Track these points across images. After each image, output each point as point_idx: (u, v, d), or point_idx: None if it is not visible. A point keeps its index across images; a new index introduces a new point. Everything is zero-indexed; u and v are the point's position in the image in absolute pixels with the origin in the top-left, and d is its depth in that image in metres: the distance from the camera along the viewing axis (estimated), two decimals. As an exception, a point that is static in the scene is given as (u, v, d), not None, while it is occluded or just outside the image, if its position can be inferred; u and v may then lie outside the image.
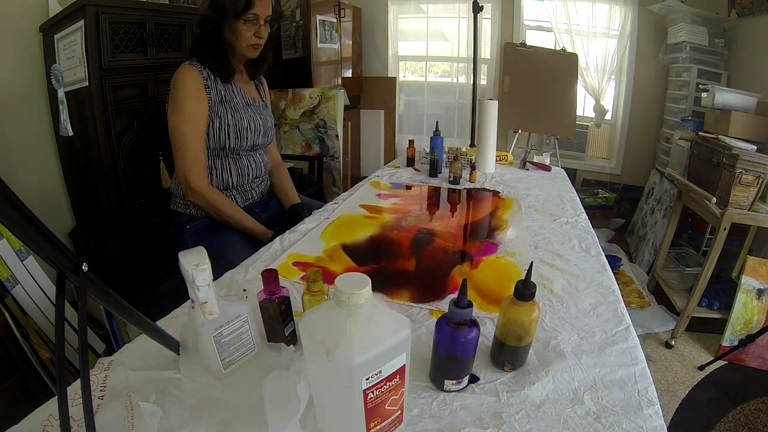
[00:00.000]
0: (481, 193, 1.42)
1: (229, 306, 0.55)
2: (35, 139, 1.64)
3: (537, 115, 3.00)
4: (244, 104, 1.21)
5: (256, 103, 1.26)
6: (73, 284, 0.37)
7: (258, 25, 1.10)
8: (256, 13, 1.08)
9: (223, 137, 1.14)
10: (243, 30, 1.09)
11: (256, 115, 1.22)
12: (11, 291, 1.25)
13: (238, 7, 1.05)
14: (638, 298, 2.19)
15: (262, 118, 1.24)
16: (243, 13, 1.06)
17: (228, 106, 1.15)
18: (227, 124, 1.13)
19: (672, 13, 2.63)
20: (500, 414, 0.53)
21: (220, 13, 1.06)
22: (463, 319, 0.53)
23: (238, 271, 0.88)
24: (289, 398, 0.46)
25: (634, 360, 0.63)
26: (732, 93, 2.05)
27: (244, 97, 1.22)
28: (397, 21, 3.59)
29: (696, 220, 2.34)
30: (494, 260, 0.95)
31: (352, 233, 1.08)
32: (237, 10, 1.05)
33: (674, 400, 1.55)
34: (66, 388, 0.37)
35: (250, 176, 1.24)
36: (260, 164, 1.27)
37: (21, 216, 0.32)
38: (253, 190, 1.27)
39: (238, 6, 1.05)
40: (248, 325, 0.58)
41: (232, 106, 1.16)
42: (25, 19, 1.53)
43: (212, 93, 1.12)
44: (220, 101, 1.13)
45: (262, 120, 1.24)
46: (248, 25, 1.09)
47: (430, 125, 3.54)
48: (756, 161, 1.61)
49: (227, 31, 1.09)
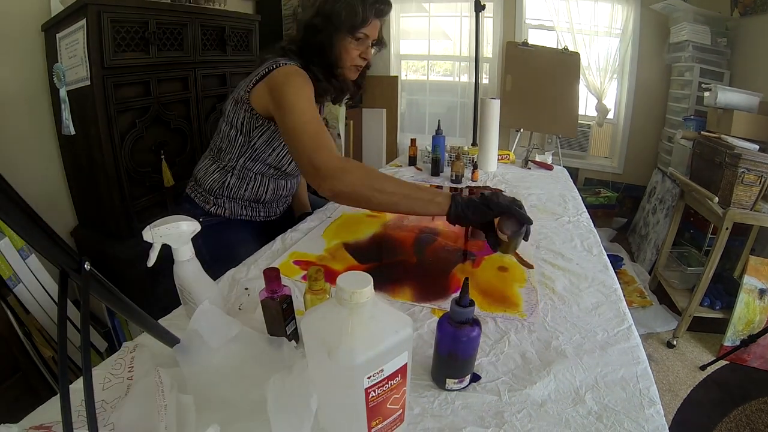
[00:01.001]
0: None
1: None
2: (37, 138, 1.65)
3: (539, 114, 2.99)
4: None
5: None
6: (76, 283, 0.38)
7: (366, 46, 1.05)
8: (367, 33, 1.02)
9: (285, 161, 1.08)
10: (352, 48, 1.03)
11: None
12: (13, 289, 1.26)
13: (355, 22, 0.99)
14: (640, 297, 2.19)
15: None
16: (358, 29, 1.00)
17: None
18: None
19: (674, 12, 2.62)
20: (502, 413, 0.53)
21: (334, 24, 0.99)
22: (465, 318, 0.53)
23: (240, 269, 0.88)
24: (294, 403, 0.46)
25: (636, 359, 0.63)
26: (734, 92, 2.04)
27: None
28: (399, 20, 3.58)
29: (698, 220, 2.33)
30: (496, 259, 0.95)
31: (353, 232, 1.08)
32: (353, 24, 0.99)
33: (676, 400, 1.55)
34: (68, 387, 0.37)
35: (281, 196, 1.19)
36: (293, 186, 1.23)
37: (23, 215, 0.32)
38: (278, 207, 1.22)
39: (355, 21, 0.98)
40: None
41: None
42: (27, 18, 1.53)
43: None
44: None
45: None
46: (358, 43, 1.03)
47: (432, 124, 3.54)
48: (758, 161, 1.61)
49: (337, 46, 1.02)
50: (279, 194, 1.17)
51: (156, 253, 0.61)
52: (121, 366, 0.56)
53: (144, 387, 0.50)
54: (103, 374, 0.55)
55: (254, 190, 1.11)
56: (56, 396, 0.52)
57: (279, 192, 1.16)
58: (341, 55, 1.03)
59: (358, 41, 1.02)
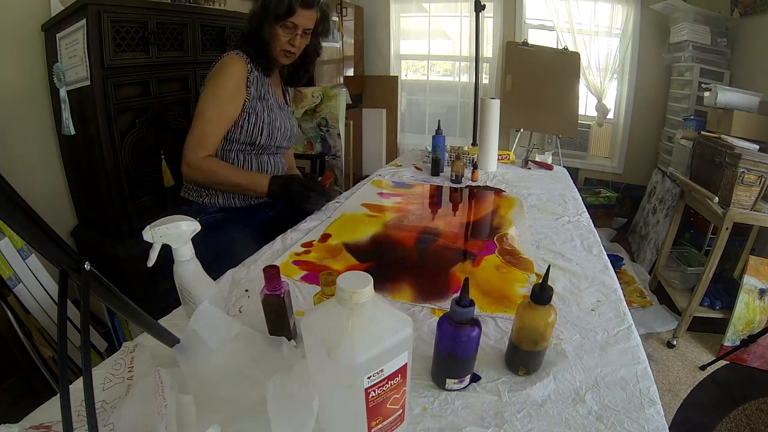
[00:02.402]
0: (482, 191, 1.42)
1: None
2: (37, 138, 1.65)
3: (539, 114, 2.99)
4: (277, 106, 1.24)
5: (285, 107, 1.31)
6: (76, 283, 0.38)
7: (294, 34, 1.13)
8: (295, 22, 1.11)
9: (256, 133, 1.17)
10: (279, 34, 1.12)
11: (285, 119, 1.26)
12: (13, 289, 1.25)
13: (279, 12, 1.08)
14: (640, 297, 2.19)
15: (290, 122, 1.29)
16: (283, 18, 1.09)
17: (265, 104, 1.19)
18: (262, 121, 1.17)
19: (674, 12, 2.62)
20: (502, 413, 0.53)
21: (265, 12, 1.10)
22: (465, 318, 0.53)
23: (240, 269, 0.89)
24: (295, 404, 0.46)
25: (636, 359, 0.63)
26: (734, 92, 2.04)
27: (277, 100, 1.26)
28: (399, 20, 3.58)
29: (698, 220, 2.33)
30: (496, 259, 0.95)
31: (354, 232, 1.09)
32: (278, 13, 1.09)
33: (676, 400, 1.55)
34: (68, 387, 0.37)
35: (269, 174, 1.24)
36: (278, 166, 1.30)
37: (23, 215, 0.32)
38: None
39: (279, 10, 1.08)
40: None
41: (268, 106, 1.20)
42: (27, 18, 1.53)
43: (252, 89, 1.15)
44: (258, 98, 1.17)
45: (290, 124, 1.29)
46: (285, 31, 1.12)
47: (432, 124, 3.54)
48: (758, 161, 1.60)
49: (266, 31, 1.13)
50: (265, 172, 1.24)
51: (156, 253, 0.62)
52: (121, 366, 0.56)
53: (144, 387, 0.50)
54: (103, 374, 0.55)
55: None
56: (56, 396, 0.52)
57: (264, 169, 1.25)
58: (271, 41, 1.14)
59: (286, 29, 1.12)
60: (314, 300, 0.64)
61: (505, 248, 1.00)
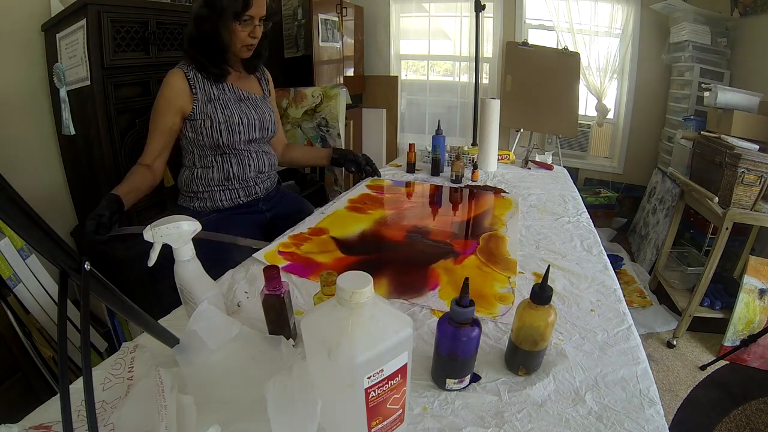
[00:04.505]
0: (481, 191, 1.42)
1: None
2: (37, 138, 1.65)
3: (539, 114, 2.99)
4: (236, 100, 1.21)
5: (252, 97, 1.26)
6: (76, 283, 0.38)
7: (253, 26, 1.12)
8: (252, 14, 1.09)
9: (216, 135, 1.16)
10: (239, 31, 1.10)
11: (250, 110, 1.22)
12: (13, 289, 1.25)
13: (237, 8, 1.05)
14: (640, 297, 2.19)
15: (258, 111, 1.24)
16: (241, 14, 1.07)
17: (217, 104, 1.16)
18: (218, 122, 1.15)
19: (674, 12, 2.62)
20: (502, 413, 0.53)
21: (217, 13, 1.06)
22: (465, 318, 0.53)
23: (240, 269, 0.89)
24: (295, 405, 0.46)
25: (636, 360, 0.63)
26: (734, 92, 2.04)
27: (237, 92, 1.22)
28: (399, 20, 3.58)
29: (698, 220, 2.33)
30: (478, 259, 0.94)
31: (345, 227, 1.10)
32: (236, 10, 1.06)
33: (676, 400, 1.55)
34: (68, 387, 0.37)
35: (252, 169, 1.24)
36: (263, 159, 1.27)
37: (23, 215, 0.32)
38: (257, 185, 1.27)
39: (236, 7, 1.05)
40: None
41: (222, 104, 1.17)
42: (27, 18, 1.53)
43: (199, 94, 1.14)
44: (208, 100, 1.15)
45: (258, 114, 1.24)
46: (243, 25, 1.10)
47: (432, 124, 3.54)
48: (758, 161, 1.60)
49: (224, 32, 1.10)
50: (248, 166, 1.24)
51: (156, 253, 0.62)
52: (121, 366, 0.56)
53: (144, 387, 0.50)
54: (103, 374, 0.55)
55: (220, 171, 1.21)
56: (56, 396, 0.52)
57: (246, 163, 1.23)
58: (230, 39, 1.11)
59: (245, 23, 1.10)
60: (314, 300, 0.64)
61: (489, 248, 1.00)
